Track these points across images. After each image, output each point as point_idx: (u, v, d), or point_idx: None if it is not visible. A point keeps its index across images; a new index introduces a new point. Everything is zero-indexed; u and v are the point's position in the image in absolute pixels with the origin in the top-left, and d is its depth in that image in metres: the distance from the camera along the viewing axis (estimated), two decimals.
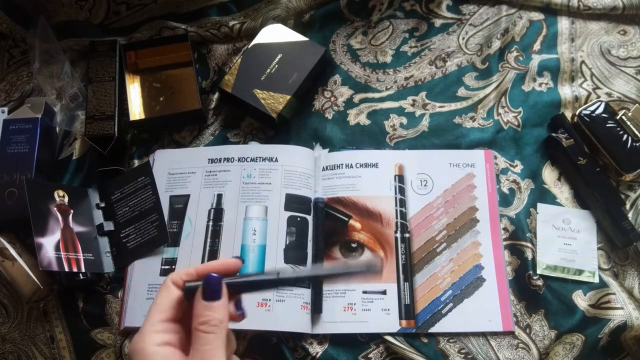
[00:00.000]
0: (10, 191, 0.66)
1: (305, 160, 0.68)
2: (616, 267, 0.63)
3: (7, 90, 0.78)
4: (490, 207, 0.65)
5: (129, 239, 0.66)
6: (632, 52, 0.73)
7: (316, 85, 0.75)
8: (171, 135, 0.74)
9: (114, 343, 0.62)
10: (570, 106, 0.71)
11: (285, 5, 0.78)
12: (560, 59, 0.73)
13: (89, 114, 0.70)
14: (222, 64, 0.78)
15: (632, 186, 0.66)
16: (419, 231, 0.65)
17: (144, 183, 0.68)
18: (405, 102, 0.73)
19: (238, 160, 0.69)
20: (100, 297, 0.65)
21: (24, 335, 0.65)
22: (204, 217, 0.66)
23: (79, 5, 0.77)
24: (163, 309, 0.38)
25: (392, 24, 0.79)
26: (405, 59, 0.76)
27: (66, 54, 0.77)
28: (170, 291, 0.39)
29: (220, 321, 0.37)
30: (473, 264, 0.63)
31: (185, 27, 0.77)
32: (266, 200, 0.66)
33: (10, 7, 0.76)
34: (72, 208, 0.65)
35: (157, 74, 0.76)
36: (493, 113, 0.71)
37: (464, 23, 0.78)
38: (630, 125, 0.66)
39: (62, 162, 0.73)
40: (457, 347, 0.60)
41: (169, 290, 0.39)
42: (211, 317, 0.37)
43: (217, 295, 0.37)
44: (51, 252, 0.60)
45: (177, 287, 0.39)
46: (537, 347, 0.59)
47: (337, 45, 0.78)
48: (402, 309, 0.61)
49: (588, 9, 0.74)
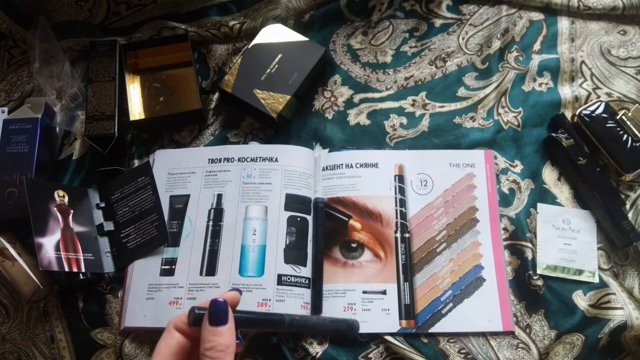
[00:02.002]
0: (10, 191, 0.66)
1: (305, 160, 0.68)
2: (616, 267, 0.63)
3: (7, 90, 0.78)
4: (490, 207, 0.65)
5: (129, 239, 0.66)
6: (632, 52, 0.73)
7: (316, 85, 0.75)
8: (171, 135, 0.74)
9: (114, 343, 0.62)
10: (570, 106, 0.71)
11: (285, 5, 0.78)
12: (560, 59, 0.73)
13: (89, 114, 0.70)
14: (222, 64, 0.78)
15: (632, 186, 0.66)
16: (419, 231, 0.65)
17: (144, 183, 0.68)
18: (405, 102, 0.73)
19: (238, 160, 0.69)
20: (100, 297, 0.65)
21: (24, 335, 0.65)
22: (204, 217, 0.66)
23: (79, 5, 0.77)
24: (166, 357, 0.38)
25: (392, 24, 0.79)
26: (405, 59, 0.76)
27: (66, 54, 0.77)
28: (172, 337, 0.39)
29: (226, 346, 0.37)
30: (473, 264, 0.63)
31: (185, 27, 0.77)
32: (266, 200, 0.66)
33: (10, 7, 0.76)
34: (72, 208, 0.65)
35: (157, 74, 0.76)
36: (493, 113, 0.71)
37: (464, 23, 0.78)
38: (630, 125, 0.66)
39: (62, 162, 0.73)
40: (457, 347, 0.60)
41: (171, 335, 0.39)
42: (217, 342, 0.36)
43: (223, 320, 0.37)
44: (51, 252, 0.60)
45: (179, 331, 0.39)
46: (537, 347, 0.59)
47: (337, 45, 0.78)
48: (402, 309, 0.61)
49: (588, 9, 0.74)
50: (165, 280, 0.63)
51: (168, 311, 0.61)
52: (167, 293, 0.62)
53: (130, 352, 0.61)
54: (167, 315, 0.61)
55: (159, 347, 0.38)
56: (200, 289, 0.62)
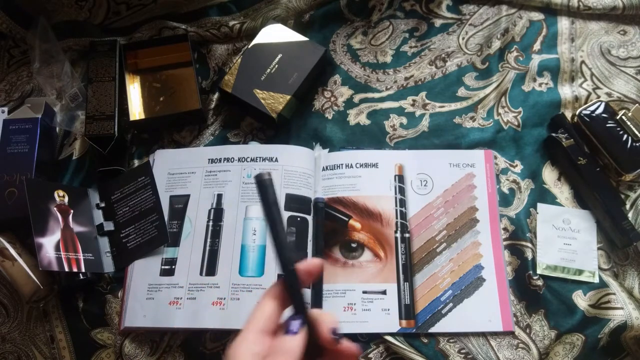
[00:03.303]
0: (10, 191, 0.66)
1: (305, 160, 0.68)
2: (616, 267, 0.63)
3: (7, 90, 0.78)
4: (490, 207, 0.65)
5: (129, 239, 0.66)
6: (632, 52, 0.73)
7: (316, 85, 0.75)
8: (171, 135, 0.74)
9: (114, 343, 0.62)
10: (570, 106, 0.71)
11: (285, 5, 0.78)
12: (560, 59, 0.73)
13: (89, 114, 0.70)
14: (222, 64, 0.77)
15: (632, 186, 0.66)
16: (419, 231, 0.65)
17: (144, 183, 0.68)
18: (405, 102, 0.73)
19: (238, 160, 0.69)
20: (100, 297, 0.65)
21: (24, 335, 0.65)
22: (204, 217, 0.66)
23: (79, 5, 0.77)
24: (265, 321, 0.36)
25: (392, 24, 0.79)
26: (405, 59, 0.76)
27: (66, 54, 0.77)
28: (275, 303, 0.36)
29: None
30: (473, 264, 0.63)
31: (185, 27, 0.77)
32: None
33: (10, 7, 0.77)
34: (72, 208, 0.65)
35: (157, 74, 0.76)
36: (493, 113, 0.71)
37: (464, 23, 0.78)
38: (630, 125, 0.66)
39: (62, 162, 0.73)
40: (457, 347, 0.60)
41: (273, 302, 0.36)
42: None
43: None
44: (51, 252, 0.60)
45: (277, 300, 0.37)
46: (537, 347, 0.59)
47: (337, 45, 0.78)
48: (402, 309, 0.61)
49: (588, 9, 0.74)
50: (165, 280, 0.63)
51: (168, 311, 0.61)
52: (167, 293, 0.62)
53: (130, 352, 0.61)
54: (167, 315, 0.61)
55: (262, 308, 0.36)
56: (200, 289, 0.62)
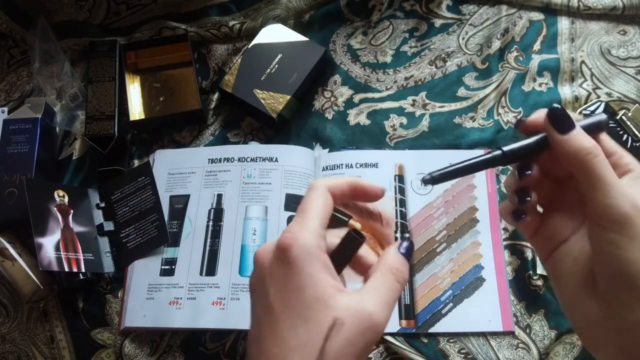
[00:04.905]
0: (10, 191, 0.66)
1: (305, 160, 0.68)
2: None
3: (7, 90, 0.78)
4: (490, 207, 0.65)
5: (129, 239, 0.66)
6: (632, 52, 0.73)
7: (316, 85, 0.75)
8: (171, 135, 0.74)
9: (114, 343, 0.62)
10: (570, 106, 0.71)
11: (285, 5, 0.78)
12: (560, 59, 0.73)
13: (89, 114, 0.70)
14: (222, 64, 0.77)
15: None
16: (419, 231, 0.65)
17: (144, 183, 0.68)
18: (405, 102, 0.73)
19: (238, 160, 0.69)
20: (100, 297, 0.65)
21: (24, 335, 0.65)
22: (204, 217, 0.66)
23: (79, 5, 0.77)
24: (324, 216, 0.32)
25: (392, 24, 0.79)
26: (405, 59, 0.76)
27: (66, 54, 0.77)
28: (329, 198, 0.33)
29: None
30: (473, 264, 0.63)
31: (185, 27, 0.77)
32: (266, 200, 0.66)
33: (10, 7, 0.77)
34: (72, 208, 0.65)
35: (157, 74, 0.76)
36: (493, 113, 0.71)
37: (464, 23, 0.78)
38: (630, 125, 0.66)
39: (62, 162, 0.73)
40: (457, 347, 0.60)
41: (327, 197, 0.33)
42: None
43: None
44: (51, 252, 0.60)
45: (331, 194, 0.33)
46: (537, 347, 0.59)
47: (337, 45, 0.78)
48: (402, 309, 0.61)
49: (588, 9, 0.74)
50: (165, 280, 0.63)
51: (168, 311, 0.61)
52: (167, 293, 0.62)
53: (130, 352, 0.62)
54: (167, 315, 0.61)
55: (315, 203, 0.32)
56: (200, 289, 0.62)
